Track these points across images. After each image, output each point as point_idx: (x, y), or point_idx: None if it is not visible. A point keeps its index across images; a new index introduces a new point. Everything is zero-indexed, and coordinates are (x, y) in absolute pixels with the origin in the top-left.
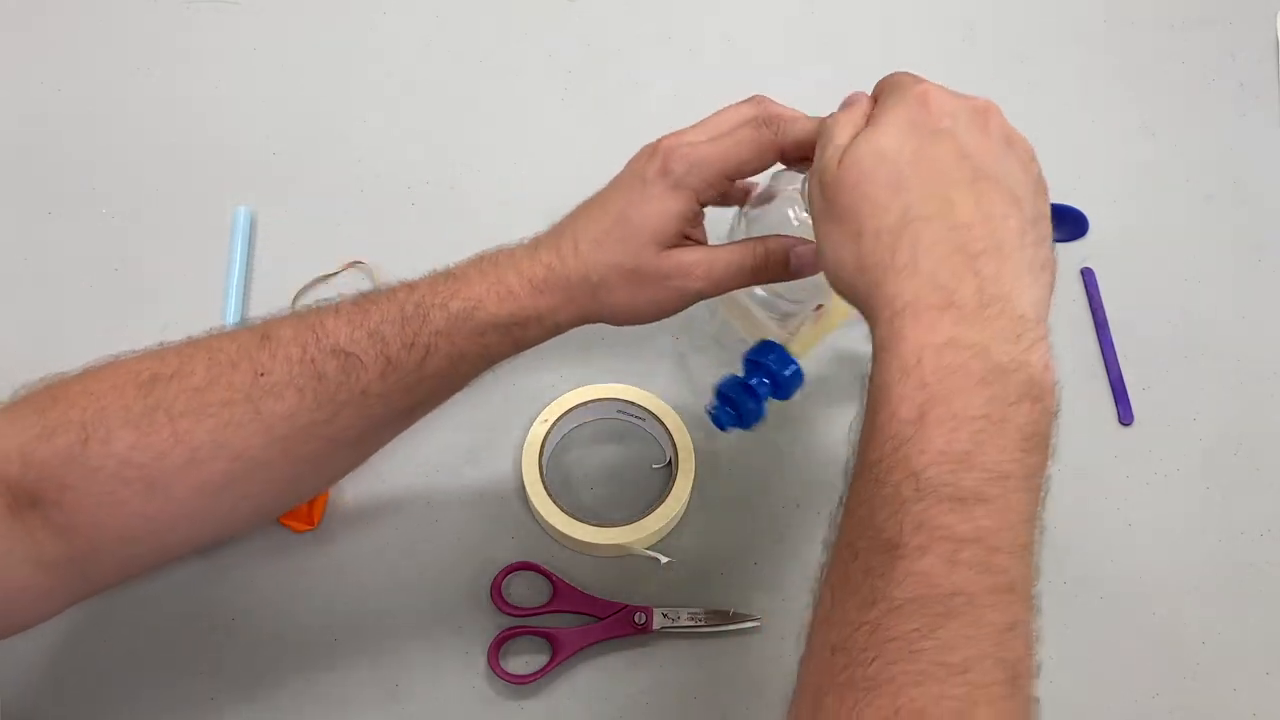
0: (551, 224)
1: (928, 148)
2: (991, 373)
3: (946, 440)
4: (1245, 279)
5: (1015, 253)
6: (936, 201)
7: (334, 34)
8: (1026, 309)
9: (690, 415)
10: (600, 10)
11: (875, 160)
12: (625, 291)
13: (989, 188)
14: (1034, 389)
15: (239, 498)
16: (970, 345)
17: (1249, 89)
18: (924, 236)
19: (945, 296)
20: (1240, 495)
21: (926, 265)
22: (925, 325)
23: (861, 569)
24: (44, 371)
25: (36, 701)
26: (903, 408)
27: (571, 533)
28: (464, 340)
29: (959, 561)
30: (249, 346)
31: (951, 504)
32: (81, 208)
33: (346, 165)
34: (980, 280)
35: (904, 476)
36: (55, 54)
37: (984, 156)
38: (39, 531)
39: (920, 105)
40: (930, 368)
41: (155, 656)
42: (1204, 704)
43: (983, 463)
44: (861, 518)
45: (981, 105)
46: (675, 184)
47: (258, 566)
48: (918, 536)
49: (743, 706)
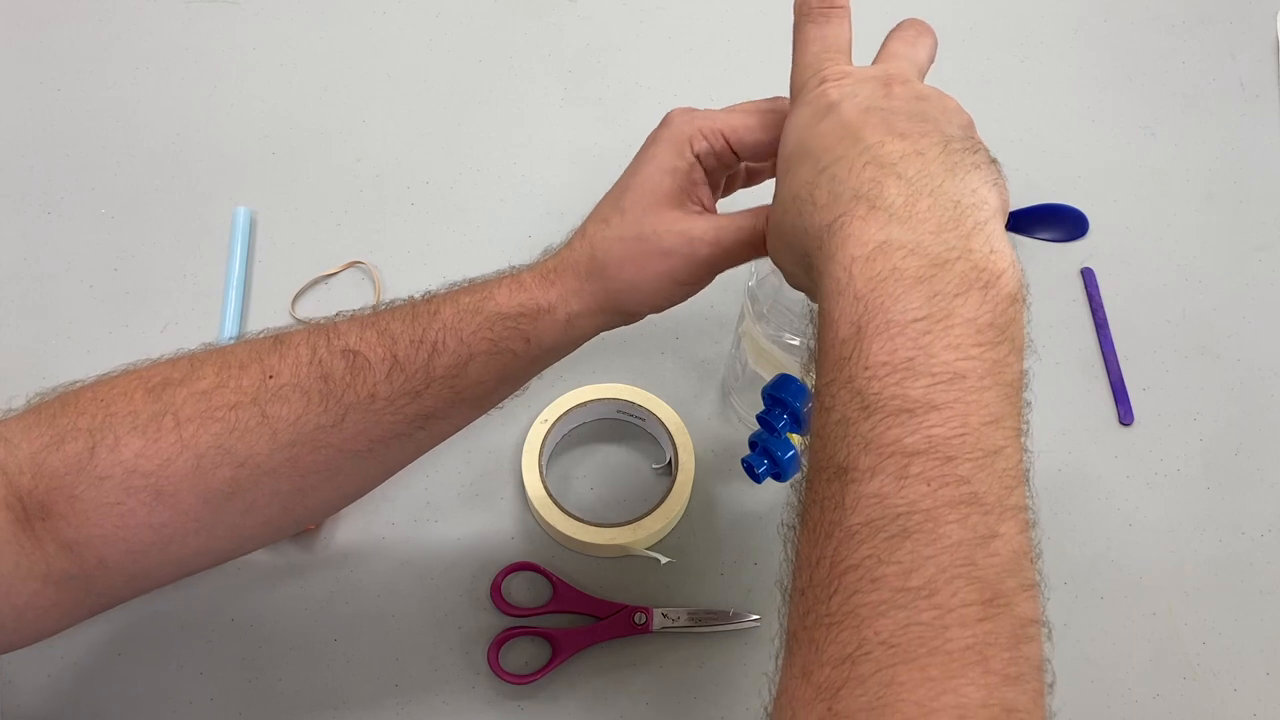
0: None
1: (824, 121)
2: (927, 268)
3: (886, 350)
4: (1245, 279)
5: (940, 155)
6: (842, 145)
7: (334, 34)
8: (962, 195)
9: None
10: (600, 10)
11: (786, 159)
12: (633, 264)
13: (900, 120)
14: (982, 275)
15: (245, 509)
16: (901, 245)
17: (1249, 89)
18: (838, 170)
19: (868, 204)
20: (1240, 495)
21: (846, 190)
22: (853, 237)
23: (816, 501)
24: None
25: (36, 702)
26: (840, 326)
27: (571, 533)
28: (472, 334)
29: (910, 476)
30: (260, 350)
31: (899, 416)
32: (81, 208)
33: (346, 165)
34: (905, 181)
35: (849, 396)
36: (55, 54)
37: (879, 102)
38: (48, 545)
39: (817, 90)
40: (862, 279)
41: (155, 656)
42: (1204, 704)
43: (930, 367)
44: (815, 450)
45: (884, 76)
46: (670, 135)
47: (257, 566)
48: (866, 457)
49: (743, 706)
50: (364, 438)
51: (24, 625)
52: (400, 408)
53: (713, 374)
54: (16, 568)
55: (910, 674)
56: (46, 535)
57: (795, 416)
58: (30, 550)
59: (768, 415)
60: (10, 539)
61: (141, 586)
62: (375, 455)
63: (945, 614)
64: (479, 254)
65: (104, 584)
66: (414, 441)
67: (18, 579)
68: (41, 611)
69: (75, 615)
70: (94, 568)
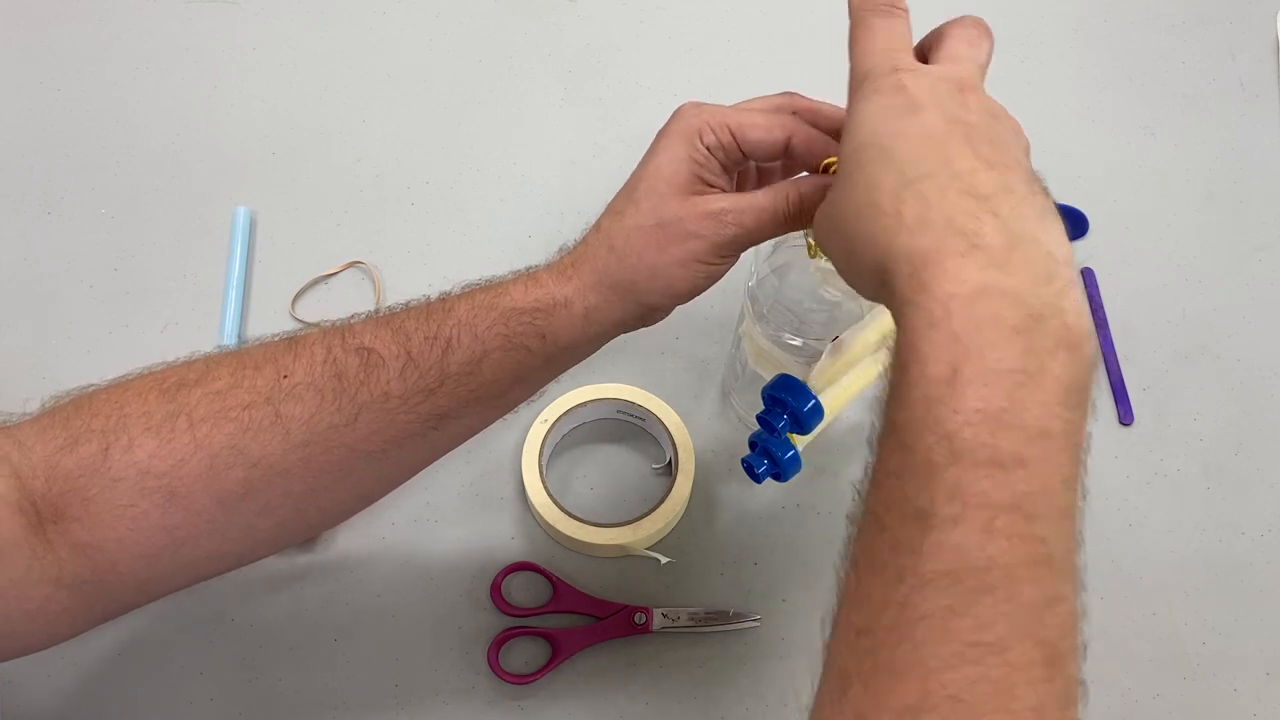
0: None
1: (908, 122)
2: (1026, 320)
3: (982, 398)
4: (1245, 279)
5: (1028, 196)
6: (934, 160)
7: (334, 34)
8: (1054, 248)
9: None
10: (600, 10)
11: (857, 150)
12: (653, 250)
13: (984, 143)
14: (1070, 335)
15: (258, 510)
16: (1002, 292)
17: (1249, 89)
18: (928, 190)
19: (967, 241)
20: (1240, 495)
21: (939, 214)
22: (951, 274)
23: (889, 543)
24: (44, 372)
25: (36, 702)
26: (932, 364)
27: (571, 533)
28: (486, 330)
29: (995, 531)
30: (276, 351)
31: (988, 468)
32: (81, 208)
33: (346, 165)
34: (1000, 220)
35: (936, 440)
36: (55, 54)
37: (966, 115)
38: (61, 549)
39: (896, 87)
40: (960, 319)
41: (155, 656)
42: (1204, 704)
43: (1021, 421)
44: (889, 488)
45: (958, 81)
46: (679, 129)
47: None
48: (950, 505)
49: (743, 706)
50: (378, 437)
51: (35, 630)
52: (414, 406)
53: (713, 374)
54: (29, 572)
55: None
56: (59, 539)
57: (795, 416)
58: (43, 554)
59: (768, 415)
60: (23, 543)
61: (154, 592)
62: (389, 456)
63: (1013, 672)
64: (479, 254)
65: (116, 589)
66: (428, 442)
67: (30, 584)
68: (53, 617)
69: (87, 621)
70: (106, 572)
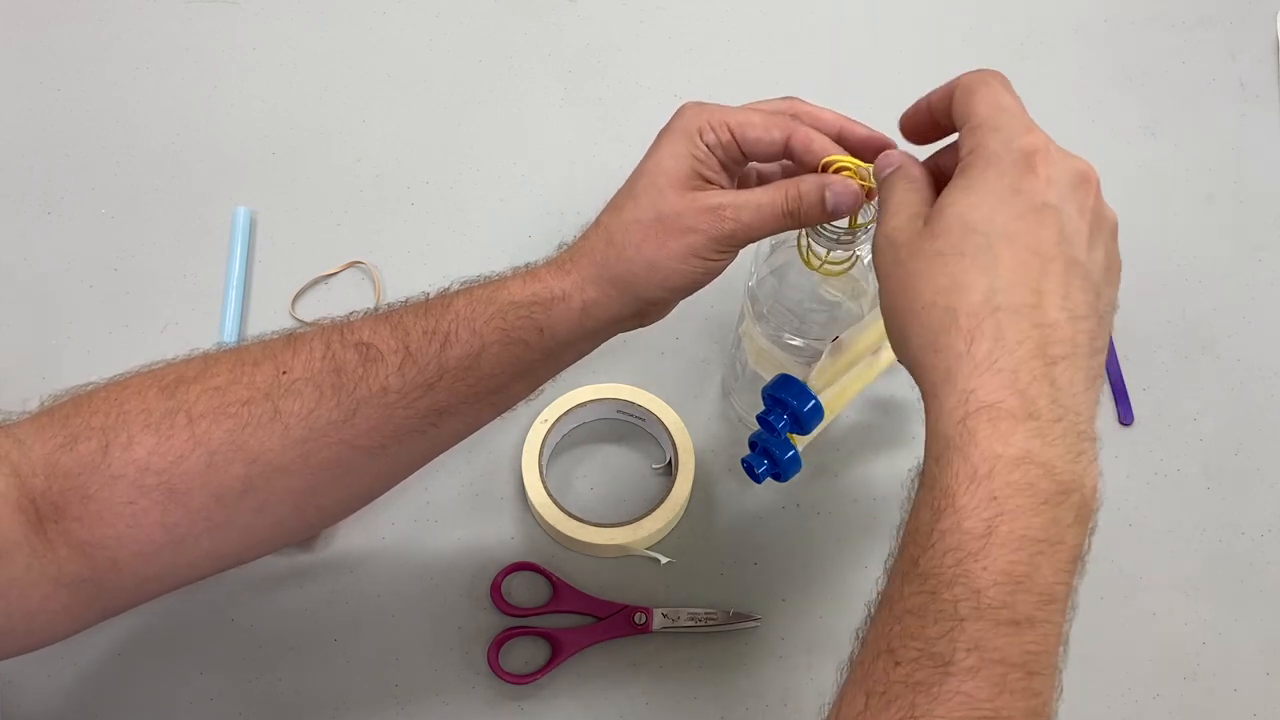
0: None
1: (1028, 224)
2: (1056, 493)
3: (1010, 560)
4: (1245, 279)
5: (1085, 361)
6: (1026, 292)
7: (334, 34)
8: (1086, 425)
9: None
10: (600, 10)
11: (964, 231)
12: (652, 244)
13: (1078, 281)
14: (1085, 511)
15: (257, 507)
16: (1041, 462)
17: (1249, 89)
18: (1008, 331)
19: (1023, 405)
20: (1240, 495)
21: (1008, 364)
22: (1000, 434)
23: (903, 679)
24: (44, 372)
25: (37, 702)
26: (969, 519)
27: (571, 533)
28: (484, 324)
29: (1005, 686)
30: (275, 348)
31: (1007, 627)
32: (81, 208)
33: (346, 165)
34: (1055, 390)
35: (964, 593)
36: (55, 54)
37: (1078, 242)
38: (60, 548)
39: (1027, 168)
40: (1001, 482)
41: (155, 656)
42: (1204, 704)
43: (1038, 586)
44: (909, 625)
45: (1084, 172)
46: (680, 127)
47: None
48: (970, 657)
49: (742, 706)
50: (376, 433)
51: (35, 629)
52: (412, 401)
53: (713, 374)
54: (29, 571)
55: None
56: (59, 537)
57: (795, 417)
58: (43, 553)
59: (768, 415)
60: (22, 541)
61: (153, 590)
62: (388, 453)
63: None
64: (479, 254)
65: (115, 587)
66: (427, 439)
67: (30, 582)
68: (52, 615)
69: (86, 619)
70: (106, 570)
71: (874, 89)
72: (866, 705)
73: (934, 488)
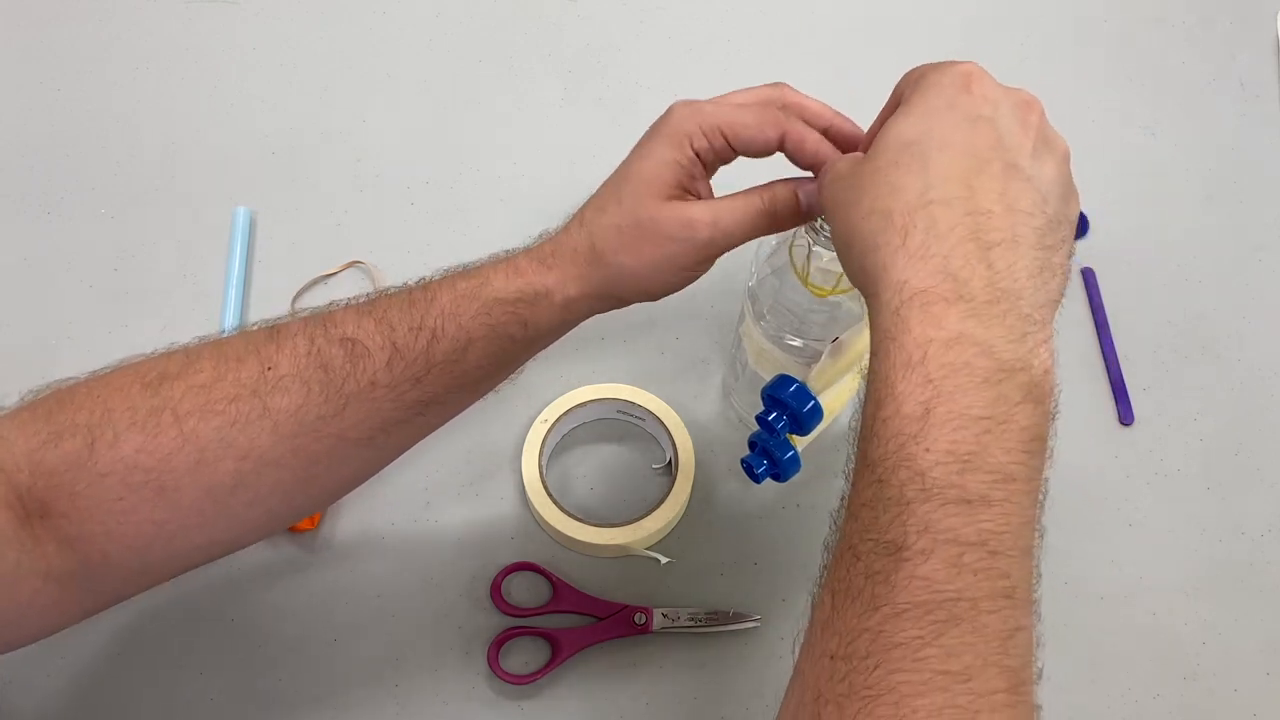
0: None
1: (960, 131)
2: (996, 372)
3: (952, 440)
4: (1245, 279)
5: (1031, 250)
6: (958, 185)
7: (334, 34)
8: (1032, 309)
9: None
10: (600, 10)
11: (900, 146)
12: (631, 251)
13: (1017, 181)
14: (1035, 391)
15: (249, 501)
16: (977, 342)
17: (1249, 89)
18: (940, 220)
19: (955, 287)
20: (1240, 495)
21: (939, 250)
22: (933, 317)
23: (863, 572)
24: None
25: (36, 701)
26: (907, 404)
27: (571, 533)
28: (470, 320)
29: (963, 566)
30: (257, 342)
31: (957, 506)
32: (81, 208)
33: (346, 165)
34: (992, 273)
35: (909, 476)
36: (55, 54)
37: (1018, 151)
38: (48, 543)
39: (962, 87)
40: (936, 363)
41: (155, 656)
42: (1204, 704)
43: (987, 464)
44: (864, 519)
45: (1026, 98)
46: (669, 130)
47: (257, 566)
48: (922, 539)
49: (742, 706)
50: (365, 425)
51: (25, 623)
52: (401, 395)
53: (713, 374)
54: (18, 566)
55: None
56: (46, 533)
57: (795, 417)
58: (30, 548)
59: (767, 416)
60: (10, 537)
61: (143, 582)
62: (377, 443)
63: (978, 699)
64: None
65: (105, 580)
66: (414, 427)
67: (19, 577)
68: (42, 610)
69: (76, 613)
70: (96, 564)
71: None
72: (833, 605)
73: (875, 380)
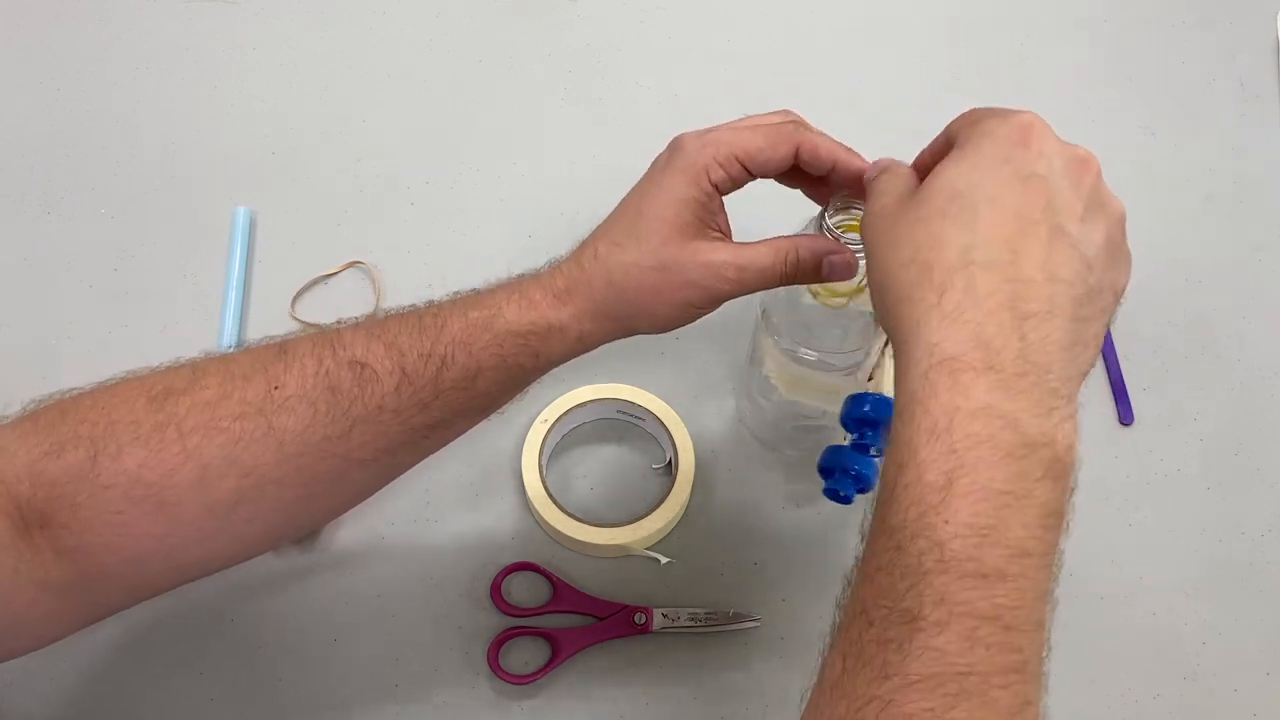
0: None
1: (1011, 189)
2: (1020, 447)
3: (972, 512)
4: (1245, 279)
5: (1066, 322)
6: (1002, 248)
7: (333, 34)
8: (1060, 383)
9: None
10: (600, 10)
11: (950, 195)
12: (651, 291)
13: (1063, 248)
14: (1057, 467)
15: (250, 518)
16: (1002, 415)
17: (1249, 89)
18: (979, 283)
19: (986, 357)
20: (1240, 495)
21: (974, 316)
22: (961, 386)
23: (876, 638)
24: (44, 372)
25: (36, 702)
26: (929, 472)
27: (571, 533)
28: (481, 350)
29: (977, 639)
30: (264, 360)
31: (974, 579)
32: (81, 208)
33: (346, 165)
34: (1024, 344)
35: (927, 546)
36: (55, 54)
37: (1068, 214)
38: (46, 554)
39: (1019, 140)
40: (960, 433)
41: (155, 656)
42: (1204, 704)
43: (1006, 539)
44: (880, 584)
45: (1083, 156)
46: (685, 165)
47: (257, 566)
48: (938, 611)
49: (742, 706)
50: (371, 447)
51: (21, 633)
52: (408, 419)
53: (713, 374)
54: (15, 575)
55: None
56: (45, 543)
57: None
58: (29, 558)
59: (861, 440)
60: (9, 546)
61: (141, 595)
62: (381, 463)
63: None
64: (479, 254)
65: (103, 592)
66: (419, 448)
67: (16, 587)
68: (39, 619)
69: (73, 623)
70: (94, 576)
71: (874, 89)
72: (844, 668)
73: (898, 443)
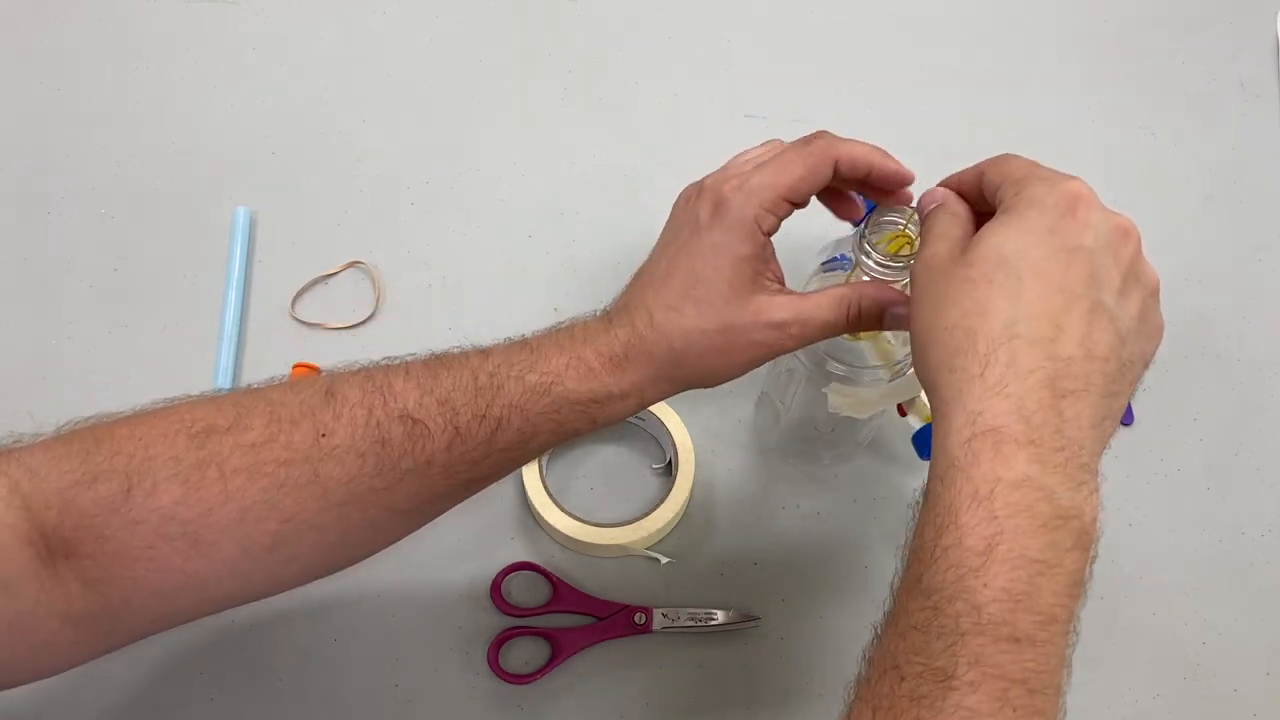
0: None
1: (1059, 263)
2: (1054, 518)
3: (1009, 579)
4: (1245, 279)
5: (1098, 400)
6: (1046, 324)
7: (334, 34)
8: (1089, 458)
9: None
10: (600, 10)
11: (997, 262)
12: (717, 354)
13: (1102, 324)
14: (1084, 538)
15: (285, 559)
16: (1040, 487)
17: (1249, 89)
18: (1022, 359)
19: (1027, 431)
20: (1240, 495)
21: (1017, 391)
22: (1003, 457)
23: (908, 694)
24: (43, 371)
25: (36, 702)
26: (970, 537)
27: (571, 533)
28: (538, 416)
29: (1006, 701)
30: (312, 404)
31: (1007, 643)
32: (81, 208)
33: (346, 165)
34: (1061, 421)
35: (965, 608)
36: (54, 54)
37: (1107, 287)
38: (71, 583)
39: (1067, 210)
40: (1002, 501)
41: (155, 656)
42: (1204, 704)
43: (1037, 605)
44: (913, 641)
45: (1125, 226)
46: (734, 221)
47: None
48: (972, 671)
49: (742, 706)
50: (415, 499)
51: (41, 662)
52: (456, 474)
53: None
54: (36, 605)
55: None
56: (69, 573)
57: None
58: (51, 588)
59: None
60: (31, 576)
61: (165, 626)
62: (423, 512)
63: None
64: (479, 254)
65: (127, 622)
66: (461, 497)
67: (37, 617)
68: (59, 649)
69: (95, 652)
70: (118, 607)
71: (874, 89)
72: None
73: (937, 506)
